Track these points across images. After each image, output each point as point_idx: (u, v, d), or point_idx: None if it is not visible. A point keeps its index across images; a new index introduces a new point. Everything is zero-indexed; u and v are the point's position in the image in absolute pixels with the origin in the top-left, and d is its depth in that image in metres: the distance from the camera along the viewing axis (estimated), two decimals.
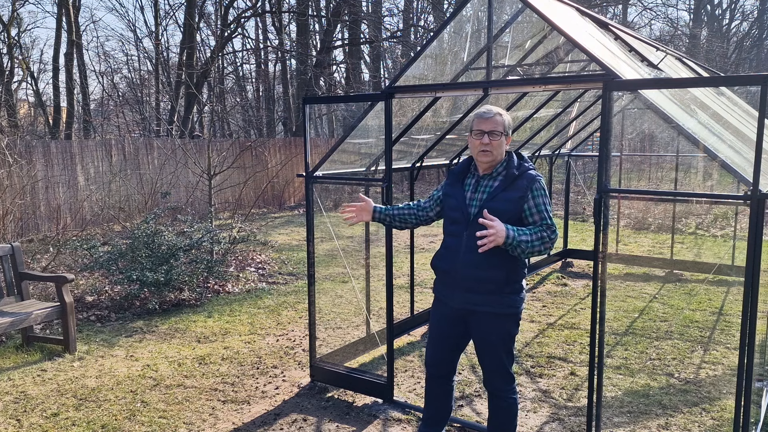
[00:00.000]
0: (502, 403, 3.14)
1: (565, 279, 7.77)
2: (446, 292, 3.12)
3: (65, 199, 10.85)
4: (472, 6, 4.54)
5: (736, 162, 3.23)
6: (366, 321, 5.21)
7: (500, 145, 2.99)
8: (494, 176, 3.04)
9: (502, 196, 2.96)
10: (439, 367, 3.28)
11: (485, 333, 3.05)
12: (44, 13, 46.56)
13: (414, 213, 3.35)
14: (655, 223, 11.65)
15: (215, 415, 4.06)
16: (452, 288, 3.07)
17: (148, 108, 21.50)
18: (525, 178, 2.98)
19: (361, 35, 21.23)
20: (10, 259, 5.43)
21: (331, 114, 24.55)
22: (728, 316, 6.07)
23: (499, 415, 3.17)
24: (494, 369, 3.10)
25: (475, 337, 3.11)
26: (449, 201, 3.14)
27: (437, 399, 3.33)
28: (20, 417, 4.03)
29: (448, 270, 3.07)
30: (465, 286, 3.00)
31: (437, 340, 3.23)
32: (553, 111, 6.99)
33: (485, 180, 3.06)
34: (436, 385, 3.32)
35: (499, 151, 3.00)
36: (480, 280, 2.96)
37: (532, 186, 2.95)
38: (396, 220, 3.36)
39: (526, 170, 3.01)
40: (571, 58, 5.90)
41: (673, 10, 31.37)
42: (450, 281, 3.07)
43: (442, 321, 3.18)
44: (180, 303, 6.67)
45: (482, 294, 2.98)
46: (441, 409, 3.36)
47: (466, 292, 3.01)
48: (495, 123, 2.97)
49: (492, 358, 3.08)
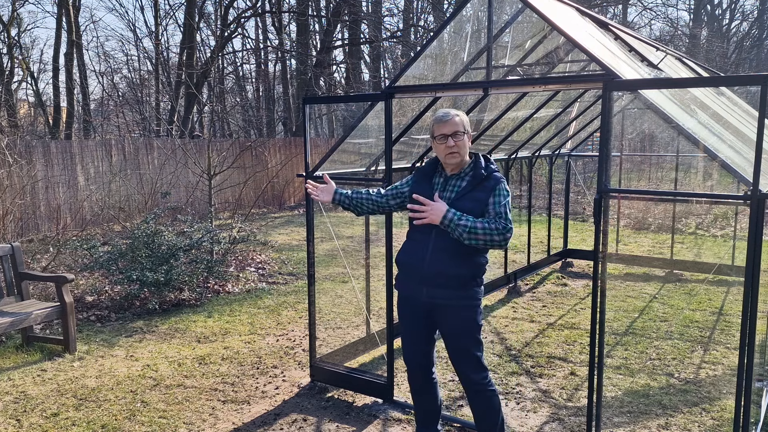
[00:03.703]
0: (480, 396, 3.19)
1: (565, 279, 7.77)
2: (411, 287, 3.18)
3: (65, 199, 10.85)
4: (472, 6, 4.54)
5: (736, 162, 3.23)
6: (366, 321, 5.21)
7: (465, 145, 3.09)
8: (462, 176, 3.14)
9: (470, 196, 3.06)
10: (417, 361, 3.33)
11: (452, 324, 3.13)
12: (44, 13, 46.58)
13: (372, 199, 3.42)
14: (655, 223, 11.65)
15: (215, 415, 4.06)
16: (417, 283, 3.13)
17: (148, 108, 21.49)
18: (492, 179, 3.09)
19: (361, 35, 21.23)
20: (10, 259, 5.43)
21: (331, 114, 24.55)
22: (728, 316, 6.07)
23: (481, 409, 3.22)
24: (465, 359, 3.16)
25: (442, 330, 3.19)
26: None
27: (423, 393, 3.40)
28: (20, 417, 4.03)
29: (415, 265, 3.12)
30: (431, 281, 3.08)
31: (410, 335, 3.31)
32: (553, 111, 6.99)
33: (453, 180, 3.15)
34: (419, 379, 3.37)
35: (464, 150, 3.10)
36: (447, 277, 3.05)
37: (497, 186, 3.07)
38: (353, 203, 3.43)
39: (492, 172, 3.12)
40: (571, 58, 5.90)
41: (673, 10, 31.40)
42: (416, 276, 3.13)
43: (411, 316, 3.26)
44: (180, 303, 6.67)
45: (448, 289, 3.07)
46: (430, 405, 3.42)
47: (432, 287, 3.09)
48: (455, 124, 3.06)
49: (461, 348, 3.15)
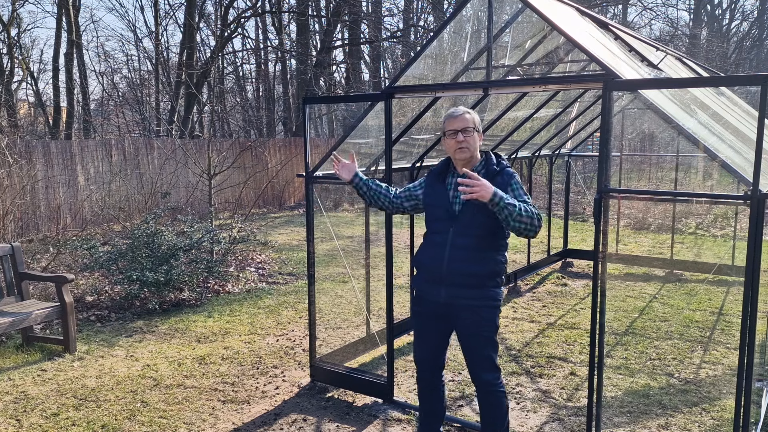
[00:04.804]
0: (491, 398, 3.18)
1: (565, 279, 7.77)
2: (430, 288, 3.17)
3: (65, 199, 10.85)
4: (472, 6, 4.54)
5: (736, 162, 3.23)
6: (366, 321, 5.21)
7: (474, 141, 3.10)
8: None
9: None
10: (428, 363, 3.32)
11: (470, 325, 3.11)
12: (44, 13, 46.55)
13: (388, 197, 3.44)
14: (655, 223, 11.65)
15: (215, 415, 4.06)
16: (437, 283, 3.12)
17: (148, 108, 21.49)
18: (505, 174, 3.09)
19: (361, 35, 21.23)
20: (10, 259, 5.43)
21: (331, 114, 24.54)
22: (728, 316, 6.06)
23: (490, 410, 3.21)
24: (480, 361, 3.14)
25: (459, 330, 3.17)
26: (431, 199, 3.23)
27: (430, 395, 3.39)
28: (20, 417, 4.03)
29: (434, 265, 3.12)
30: (450, 281, 3.07)
31: (423, 336, 3.30)
32: (553, 111, 6.99)
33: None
34: (428, 381, 3.36)
35: (474, 146, 3.10)
36: (465, 275, 3.04)
37: (512, 180, 3.07)
38: (369, 193, 3.46)
39: (504, 167, 3.13)
40: (571, 58, 5.90)
41: (673, 10, 31.35)
42: (435, 276, 3.12)
43: (427, 316, 3.24)
44: (180, 303, 6.67)
45: (467, 288, 3.05)
46: (435, 405, 3.41)
47: (452, 287, 3.07)
48: (465, 120, 3.09)
49: (478, 349, 3.13)
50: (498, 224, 3.00)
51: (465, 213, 3.04)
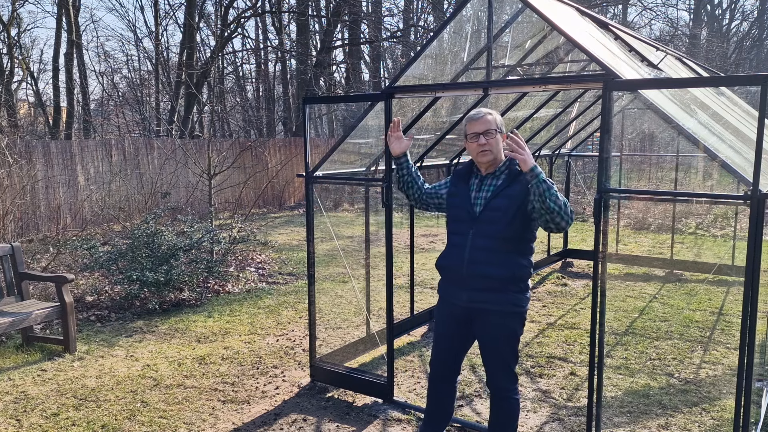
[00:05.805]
0: (504, 404, 3.15)
1: (565, 279, 7.77)
2: (452, 291, 3.14)
3: (65, 199, 10.85)
4: (472, 6, 4.54)
5: (736, 162, 3.23)
6: (366, 321, 5.21)
7: (497, 143, 3.05)
8: (497, 175, 3.09)
9: (505, 193, 3.01)
10: (444, 367, 3.28)
11: (490, 331, 3.07)
12: (44, 13, 46.52)
13: (420, 189, 3.42)
14: (655, 223, 11.65)
15: (215, 415, 4.06)
16: (458, 286, 3.09)
17: (148, 108, 21.49)
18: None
19: (361, 35, 21.23)
20: (10, 259, 5.43)
21: (331, 114, 24.54)
22: (728, 316, 6.06)
23: (501, 415, 3.18)
24: (498, 368, 3.11)
25: (479, 335, 3.13)
26: (454, 200, 3.19)
27: (440, 399, 3.34)
28: (20, 417, 4.03)
29: (454, 268, 3.09)
30: (471, 283, 3.03)
31: (443, 339, 3.25)
32: (553, 111, 6.99)
33: (488, 179, 3.11)
34: (440, 384, 3.32)
35: (497, 148, 3.06)
36: (486, 278, 2.99)
37: None
38: (407, 177, 3.40)
39: None
40: (571, 58, 5.90)
41: (673, 10, 31.35)
42: (456, 279, 3.09)
43: (448, 321, 3.20)
44: (180, 303, 6.67)
45: (488, 292, 3.01)
46: (443, 409, 3.36)
47: (472, 290, 3.03)
48: (487, 122, 3.04)
49: (496, 356, 3.09)
50: (521, 226, 2.97)
51: (486, 214, 3.00)
